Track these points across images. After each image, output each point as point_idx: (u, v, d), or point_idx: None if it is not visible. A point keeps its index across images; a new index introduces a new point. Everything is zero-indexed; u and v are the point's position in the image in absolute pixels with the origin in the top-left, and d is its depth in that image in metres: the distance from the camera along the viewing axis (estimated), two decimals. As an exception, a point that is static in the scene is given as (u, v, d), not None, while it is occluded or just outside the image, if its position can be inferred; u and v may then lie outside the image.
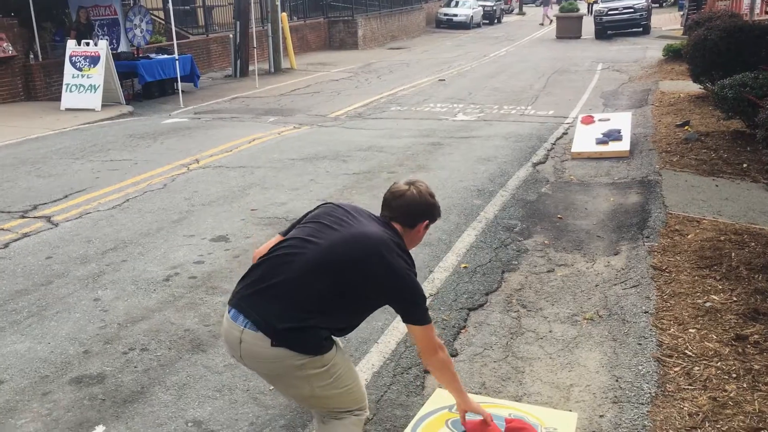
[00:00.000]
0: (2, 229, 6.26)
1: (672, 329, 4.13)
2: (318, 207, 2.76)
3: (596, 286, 4.88)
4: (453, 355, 3.98)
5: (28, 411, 3.51)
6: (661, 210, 6.24)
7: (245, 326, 2.41)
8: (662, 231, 5.72)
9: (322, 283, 2.41)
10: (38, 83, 14.07)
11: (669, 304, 4.45)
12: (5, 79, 13.60)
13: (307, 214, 2.75)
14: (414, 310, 2.55)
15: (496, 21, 41.15)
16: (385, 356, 3.99)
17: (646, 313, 4.36)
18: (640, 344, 4.00)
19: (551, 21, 36.75)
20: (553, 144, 9.37)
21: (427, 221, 2.71)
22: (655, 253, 5.28)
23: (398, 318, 4.39)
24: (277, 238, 2.75)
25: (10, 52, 13.41)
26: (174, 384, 3.72)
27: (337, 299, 2.45)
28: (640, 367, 3.76)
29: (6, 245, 5.87)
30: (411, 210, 2.64)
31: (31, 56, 14.11)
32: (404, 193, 2.65)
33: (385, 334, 4.24)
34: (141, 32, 15.22)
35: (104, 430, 3.34)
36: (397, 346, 4.09)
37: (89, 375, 3.83)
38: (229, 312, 2.49)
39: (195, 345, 4.13)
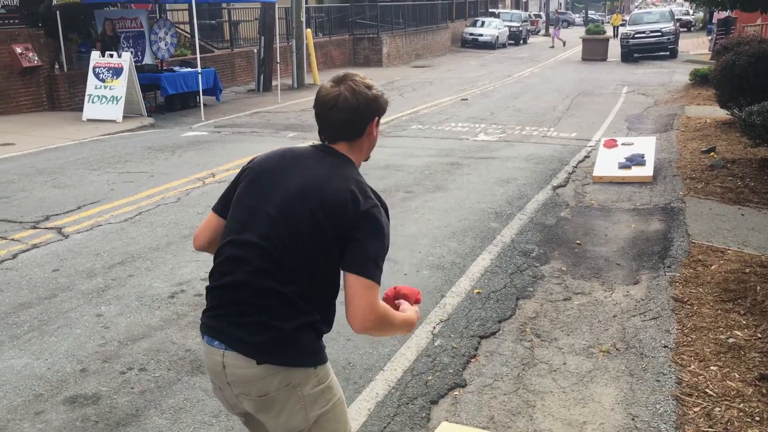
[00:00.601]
0: (13, 240, 6.22)
1: (692, 366, 3.94)
2: (245, 177, 2.20)
3: (614, 316, 4.69)
4: (461, 386, 3.83)
5: (19, 431, 3.40)
6: (684, 239, 6.04)
7: (225, 348, 2.07)
8: (685, 261, 5.52)
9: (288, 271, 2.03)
10: (62, 93, 14.18)
11: (690, 339, 4.25)
12: (30, 89, 13.72)
13: (235, 185, 2.22)
14: (373, 258, 2.03)
15: (521, 42, 41.05)
16: (390, 385, 3.84)
17: (665, 347, 4.17)
18: (658, 381, 3.81)
19: (564, 43, 36.52)
20: (575, 167, 9.19)
21: (376, 118, 2.20)
22: (677, 284, 5.08)
23: (406, 344, 4.27)
24: (212, 219, 2.27)
25: (35, 62, 13.54)
26: (170, 407, 3.60)
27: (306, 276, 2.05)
28: (658, 406, 3.57)
29: (15, 256, 5.82)
30: (352, 117, 2.13)
31: (56, 67, 14.23)
32: (337, 99, 2.11)
33: (391, 361, 4.09)
34: (165, 45, 15.31)
35: (94, 454, 3.23)
36: (403, 375, 3.94)
37: (84, 395, 3.72)
38: (203, 338, 2.14)
39: (195, 366, 4.00)
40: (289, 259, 2.03)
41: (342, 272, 2.06)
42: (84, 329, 4.48)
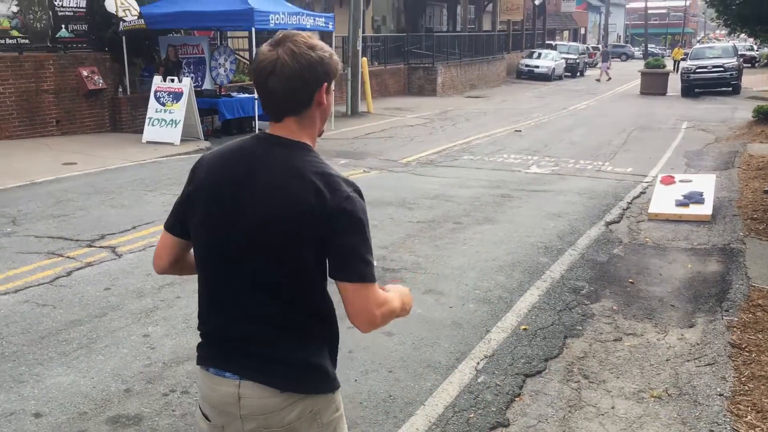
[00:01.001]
0: (68, 257, 6.38)
1: (749, 416, 3.75)
2: (199, 201, 1.91)
3: (667, 360, 4.52)
4: (504, 426, 3.72)
5: (61, 448, 3.45)
6: (744, 282, 5.81)
7: (240, 378, 1.89)
8: (743, 305, 5.30)
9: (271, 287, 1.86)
10: (124, 116, 14.62)
11: (747, 388, 4.06)
12: (94, 110, 14.20)
13: (186, 201, 1.95)
14: (362, 257, 1.83)
15: (578, 74, 40.76)
16: (430, 421, 3.76)
17: (720, 395, 3.99)
18: (712, 431, 3.63)
19: (609, 78, 35.94)
20: (630, 203, 8.98)
21: (325, 84, 1.85)
22: (735, 329, 4.87)
23: (448, 379, 4.19)
24: (167, 239, 2.02)
25: (100, 84, 14.02)
26: (209, 432, 3.59)
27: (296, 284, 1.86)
28: (712, 459, 3.41)
29: (69, 273, 5.96)
30: (293, 84, 1.80)
31: (120, 90, 14.71)
32: (274, 65, 1.79)
33: (432, 396, 4.01)
34: (225, 71, 15.67)
35: (132, 476, 3.23)
36: (444, 411, 3.85)
37: (126, 415, 3.75)
38: (206, 371, 1.95)
39: (236, 392, 4.00)
40: (285, 286, 1.84)
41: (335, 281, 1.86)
42: (130, 349, 4.54)
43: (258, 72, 1.82)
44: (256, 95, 14.17)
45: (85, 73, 13.75)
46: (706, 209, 8.14)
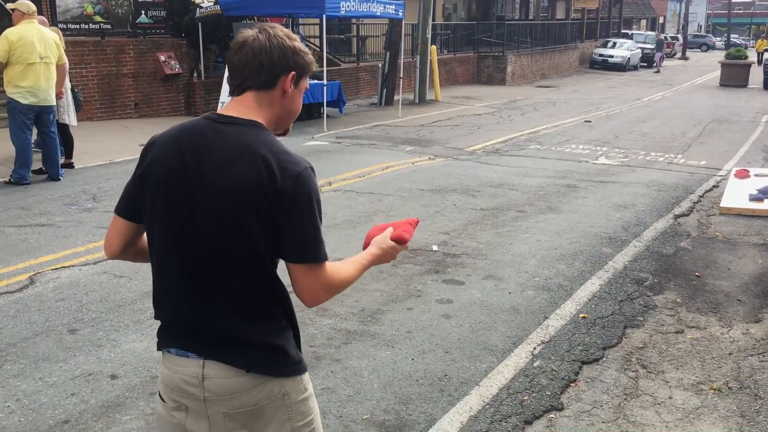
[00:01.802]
0: (144, 233, 6.68)
1: (813, 414, 3.67)
2: (150, 185, 1.88)
3: (729, 354, 4.45)
4: (558, 409, 3.76)
5: (134, 408, 3.68)
6: (817, 279, 5.63)
7: (204, 358, 1.85)
8: (815, 302, 5.15)
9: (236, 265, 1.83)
10: (198, 100, 15.09)
11: (813, 385, 3.97)
12: (170, 94, 14.71)
13: (137, 184, 1.91)
14: (312, 236, 1.82)
15: (654, 64, 39.54)
16: (485, 401, 3.83)
17: (783, 391, 3.92)
18: (772, 426, 3.58)
19: (657, 71, 34.42)
20: (701, 196, 8.76)
21: (293, 73, 1.86)
22: (803, 326, 4.75)
23: (504, 362, 4.25)
24: (119, 223, 1.99)
25: (176, 69, 14.51)
26: (271, 400, 3.76)
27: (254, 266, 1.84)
28: (769, 452, 3.37)
29: (144, 248, 6.25)
30: (259, 58, 1.82)
31: (195, 75, 15.18)
32: (246, 40, 1.83)
33: (488, 377, 4.08)
34: (296, 58, 15.94)
35: (199, 437, 3.42)
36: (498, 392, 3.92)
37: (194, 380, 3.96)
38: (168, 351, 1.92)
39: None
40: (238, 264, 1.83)
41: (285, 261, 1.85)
42: (199, 320, 4.76)
43: (232, 47, 1.86)
44: (325, 82, 14.50)
45: (162, 58, 14.25)
46: (781, 204, 7.88)
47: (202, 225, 1.82)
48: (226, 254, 1.82)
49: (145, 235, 1.96)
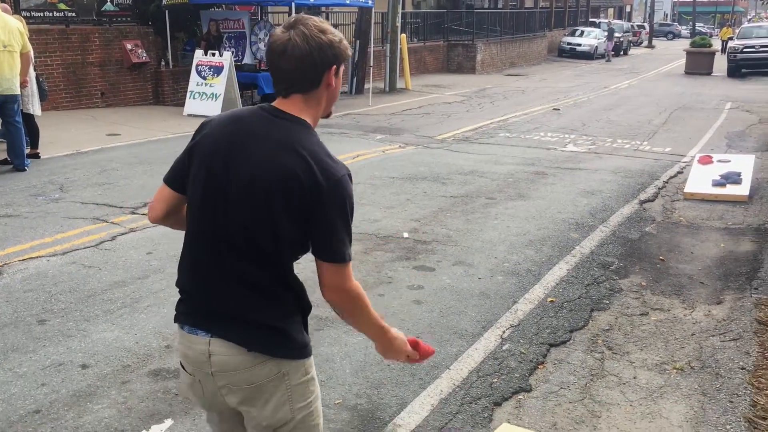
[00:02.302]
0: (113, 223, 6.64)
1: (770, 390, 3.80)
2: (196, 159, 1.99)
3: (692, 335, 4.58)
4: (526, 391, 3.85)
5: (106, 397, 3.68)
6: (776, 261, 5.80)
7: (210, 336, 1.98)
8: (773, 283, 5.31)
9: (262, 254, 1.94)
10: (166, 89, 14.93)
11: (770, 363, 4.10)
12: (137, 83, 14.53)
13: (186, 158, 2.03)
14: (341, 238, 1.94)
15: (622, 53, 40.00)
16: (455, 384, 3.90)
17: (743, 369, 4.05)
18: (731, 402, 3.71)
19: (608, 60, 34.54)
20: (666, 182, 8.93)
21: (334, 66, 1.96)
22: (762, 307, 4.90)
23: (474, 346, 4.32)
24: (165, 191, 2.10)
25: (144, 58, 14.33)
26: (244, 387, 3.79)
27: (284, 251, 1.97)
28: (728, 427, 3.49)
29: (113, 238, 6.22)
30: (303, 64, 1.90)
31: (163, 63, 15.01)
32: (286, 46, 1.89)
33: (458, 361, 4.15)
34: (265, 46, 15.84)
35: (172, 424, 3.45)
36: (468, 375, 3.99)
37: (167, 369, 3.97)
38: (182, 329, 2.08)
39: (270, 351, 4.19)
40: (260, 251, 1.93)
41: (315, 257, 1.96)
42: (171, 309, 4.69)
43: (271, 52, 1.93)
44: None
45: (129, 47, 14.06)
46: (743, 190, 8.07)
47: (234, 208, 1.92)
48: (251, 241, 1.92)
49: (185, 204, 2.08)
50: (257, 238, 1.92)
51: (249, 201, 1.90)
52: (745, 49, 25.41)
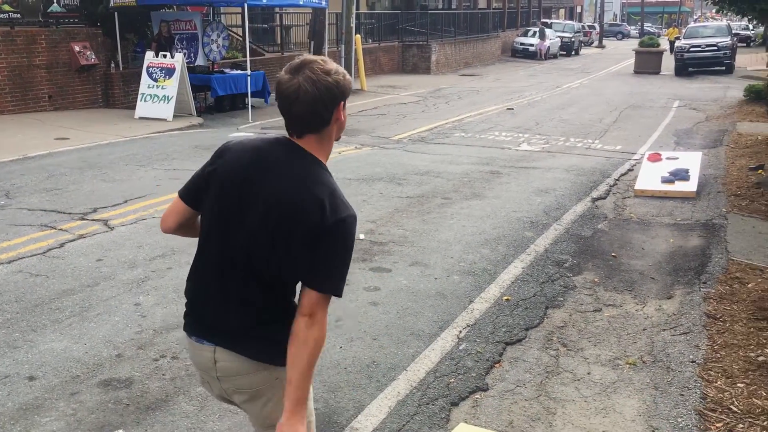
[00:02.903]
0: (61, 230, 6.47)
1: (719, 382, 3.90)
2: (215, 183, 2.14)
3: (644, 330, 4.66)
4: (483, 390, 3.86)
5: (54, 409, 3.57)
6: (723, 255, 5.95)
7: (215, 345, 2.16)
8: (721, 277, 5.44)
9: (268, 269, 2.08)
10: (116, 91, 14.63)
11: (719, 355, 4.20)
12: (86, 86, 14.20)
13: (205, 177, 2.18)
14: (340, 273, 2.06)
15: (573, 53, 40.67)
16: (412, 385, 3.89)
17: (693, 362, 4.14)
18: (682, 395, 3.78)
19: (543, 56, 35.22)
20: (617, 180, 9.10)
21: (342, 103, 2.11)
22: (711, 300, 5.02)
23: (431, 347, 4.33)
24: (179, 205, 2.25)
25: (92, 60, 14.01)
26: (198, 395, 3.72)
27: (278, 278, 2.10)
28: (680, 420, 3.55)
29: (62, 245, 6.06)
30: (316, 109, 2.04)
31: (112, 65, 14.69)
32: (298, 92, 2.02)
33: (415, 362, 4.15)
34: (217, 47, 15.66)
35: (123, 435, 3.36)
36: (426, 376, 3.99)
37: (118, 379, 3.88)
38: (190, 338, 2.24)
39: (224, 357, 4.13)
40: (264, 275, 2.07)
41: (304, 285, 2.04)
42: (122, 317, 4.66)
43: (283, 99, 2.05)
44: (249, 72, 14.27)
45: (77, 48, 13.73)
46: (690, 186, 8.27)
47: (249, 236, 2.06)
48: (257, 265, 2.07)
49: (197, 218, 2.26)
50: (267, 265, 2.06)
51: (265, 233, 2.03)
52: (691, 49, 26.07)
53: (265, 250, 2.05)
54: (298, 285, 2.11)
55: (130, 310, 4.77)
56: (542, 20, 45.12)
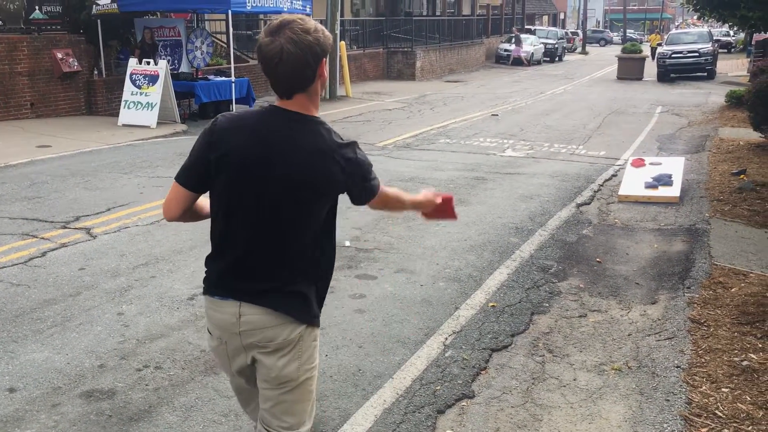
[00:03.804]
0: (43, 238, 6.40)
1: (704, 387, 3.91)
2: (227, 168, 2.22)
3: (629, 335, 4.67)
4: (469, 397, 3.85)
5: (35, 422, 3.52)
6: (706, 260, 5.98)
7: (242, 300, 2.28)
8: (705, 282, 5.47)
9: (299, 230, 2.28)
10: (99, 98, 14.53)
11: (704, 360, 4.22)
12: (69, 93, 14.09)
13: (205, 161, 2.22)
14: (372, 184, 2.36)
15: (557, 59, 40.93)
16: (398, 393, 3.87)
17: (678, 367, 4.15)
18: (668, 400, 3.79)
19: (509, 63, 35.48)
20: (601, 185, 9.14)
21: (324, 59, 2.17)
22: (695, 305, 5.04)
23: (417, 354, 4.31)
24: (182, 193, 2.30)
25: (75, 67, 13.91)
26: (182, 405, 3.68)
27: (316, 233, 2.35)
28: (666, 425, 3.56)
29: (44, 254, 5.99)
30: (300, 68, 2.11)
31: (95, 72, 14.60)
32: (281, 54, 2.08)
33: (401, 369, 4.13)
34: (201, 54, 15.60)
35: (106, 447, 3.32)
36: (412, 383, 3.97)
37: (100, 389, 3.83)
38: (212, 297, 2.34)
39: (209, 367, 4.09)
40: (290, 233, 2.25)
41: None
42: (105, 327, 4.61)
43: (266, 62, 2.11)
44: (233, 78, 14.22)
45: (59, 56, 13.63)
46: (674, 191, 8.32)
47: (276, 202, 2.20)
48: (287, 224, 2.24)
49: (198, 199, 2.35)
50: (294, 224, 2.24)
51: (292, 197, 2.19)
52: (673, 55, 26.33)
53: (296, 213, 2.22)
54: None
55: (112, 319, 4.72)
56: (526, 26, 45.38)
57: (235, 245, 2.27)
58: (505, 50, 36.66)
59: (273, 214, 2.22)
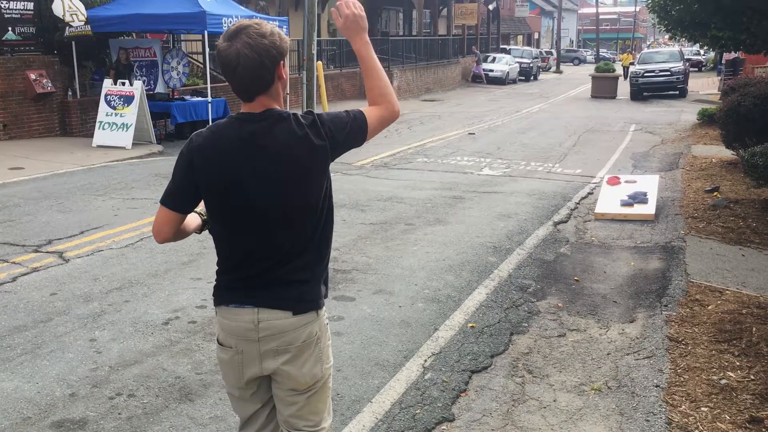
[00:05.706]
0: (14, 263, 6.27)
1: (683, 406, 3.90)
2: (217, 190, 2.27)
3: (608, 354, 4.67)
4: (449, 420, 3.81)
5: (3, 454, 3.41)
6: (683, 278, 6.01)
7: (260, 306, 2.30)
8: (682, 300, 5.49)
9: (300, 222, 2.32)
10: (74, 120, 14.37)
11: (682, 379, 4.22)
12: (43, 114, 13.93)
13: (192, 182, 2.28)
14: (359, 118, 2.41)
15: (532, 78, 41.36)
16: (377, 417, 3.82)
17: (657, 387, 4.14)
18: (648, 420, 3.78)
19: (469, 80, 35.86)
20: (577, 203, 9.20)
21: (281, 61, 2.22)
22: (673, 323, 5.05)
23: (396, 377, 4.27)
24: (172, 216, 2.33)
25: (49, 88, 13.76)
26: (156, 434, 3.60)
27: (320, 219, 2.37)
28: (646, 446, 3.54)
29: (14, 279, 5.86)
30: (258, 72, 2.17)
31: (70, 93, 14.46)
32: (238, 59, 2.14)
33: (380, 393, 4.08)
34: (177, 74, 15.53)
35: (77, 480, 3.22)
36: (391, 407, 3.92)
37: (72, 419, 3.73)
38: (228, 306, 2.34)
39: (183, 394, 4.01)
40: (296, 233, 2.30)
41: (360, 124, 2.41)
42: (76, 354, 4.50)
43: (225, 66, 2.17)
44: (209, 98, 14.16)
45: (33, 77, 13.49)
46: (649, 209, 8.39)
47: (275, 203, 2.24)
48: (291, 223, 2.28)
49: (187, 218, 2.38)
50: (297, 221, 2.28)
51: (288, 192, 2.24)
52: (646, 74, 26.72)
53: (297, 208, 2.27)
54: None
55: (84, 346, 4.62)
56: (501, 46, 45.87)
57: (243, 253, 2.32)
58: (484, 69, 36.98)
59: (272, 216, 2.25)
